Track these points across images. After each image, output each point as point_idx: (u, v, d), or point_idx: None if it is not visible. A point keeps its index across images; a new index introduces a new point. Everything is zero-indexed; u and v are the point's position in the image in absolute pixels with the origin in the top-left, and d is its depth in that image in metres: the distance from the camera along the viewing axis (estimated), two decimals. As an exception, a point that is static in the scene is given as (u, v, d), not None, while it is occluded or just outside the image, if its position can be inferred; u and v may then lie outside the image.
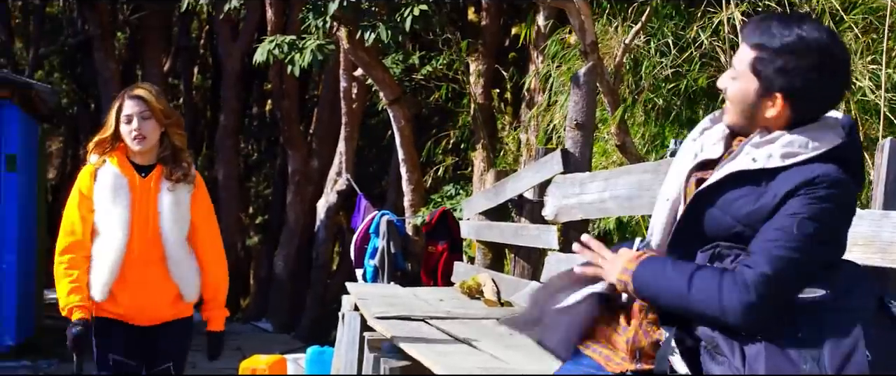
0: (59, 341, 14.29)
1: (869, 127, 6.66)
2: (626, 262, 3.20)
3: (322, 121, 18.22)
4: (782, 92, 3.09)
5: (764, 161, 3.07)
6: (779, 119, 3.13)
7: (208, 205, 5.83)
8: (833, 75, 3.10)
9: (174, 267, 5.62)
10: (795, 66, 3.06)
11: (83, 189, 5.55)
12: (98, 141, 5.61)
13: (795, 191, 2.99)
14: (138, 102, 5.53)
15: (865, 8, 7.03)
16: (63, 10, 24.92)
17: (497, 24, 13.82)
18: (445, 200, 13.53)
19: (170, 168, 5.60)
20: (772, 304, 2.93)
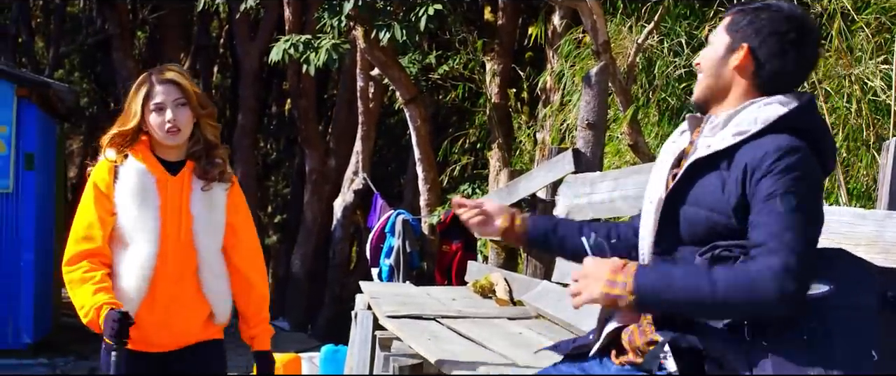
0: (77, 339, 14.43)
1: (880, 126, 6.65)
2: (610, 274, 3.04)
3: (339, 121, 18.24)
4: (747, 42, 3.22)
5: (718, 144, 3.12)
6: (742, 71, 3.23)
7: (245, 207, 4.89)
8: (800, 42, 3.21)
9: (209, 281, 4.69)
10: (765, 23, 3.21)
11: (101, 185, 4.58)
12: (117, 134, 4.63)
13: (757, 169, 3.02)
14: (172, 88, 4.59)
15: (877, 8, 7.01)
16: (83, 9, 25.02)
17: (513, 24, 13.82)
18: (461, 200, 13.50)
19: (203, 165, 4.68)
20: (806, 285, 2.92)
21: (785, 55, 3.20)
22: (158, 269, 4.54)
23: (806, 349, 2.87)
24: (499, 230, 3.69)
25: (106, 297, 4.35)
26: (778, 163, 2.99)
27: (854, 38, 7.05)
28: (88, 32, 24.24)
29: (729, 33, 3.27)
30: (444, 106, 16.38)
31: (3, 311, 13.17)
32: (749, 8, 3.27)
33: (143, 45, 25.99)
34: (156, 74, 4.63)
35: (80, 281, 4.42)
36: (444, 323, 6.71)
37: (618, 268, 3.05)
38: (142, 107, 4.58)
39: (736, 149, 3.10)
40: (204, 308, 4.71)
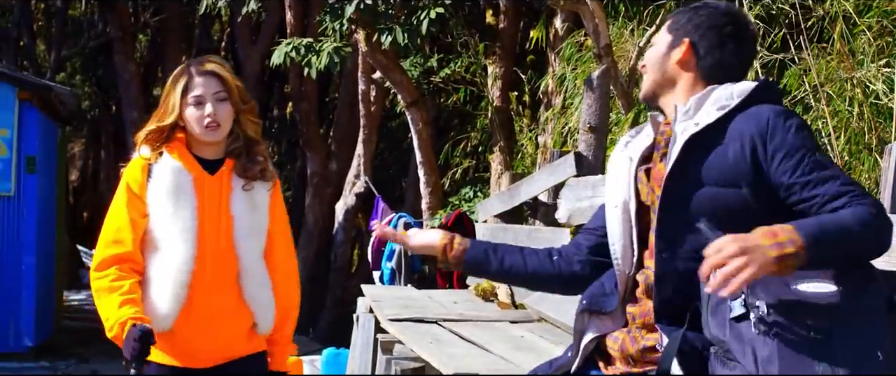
0: (78, 342, 14.43)
1: (882, 130, 6.65)
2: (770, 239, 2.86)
3: (341, 124, 18.24)
4: (688, 36, 3.38)
5: (705, 118, 3.22)
6: (685, 64, 3.38)
7: (284, 211, 4.51)
8: (737, 35, 3.39)
9: (251, 289, 4.29)
10: (702, 17, 3.39)
11: (134, 185, 4.22)
12: (154, 130, 4.27)
13: (766, 133, 3.13)
14: (212, 80, 4.24)
15: (879, 11, 7.01)
16: (84, 13, 25.03)
17: (515, 27, 13.82)
18: (463, 203, 13.54)
19: (243, 163, 4.31)
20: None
21: (724, 47, 3.36)
22: (196, 275, 4.16)
23: (811, 347, 2.86)
24: (438, 246, 3.69)
25: (131, 311, 3.97)
26: (787, 123, 3.13)
27: (856, 41, 7.05)
28: (90, 36, 24.26)
29: (670, 32, 3.44)
30: (445, 109, 16.37)
31: (4, 314, 13.18)
32: (687, 8, 3.45)
33: (145, 49, 26.02)
34: (195, 65, 4.27)
35: (108, 290, 4.06)
36: (446, 327, 6.71)
37: (770, 233, 2.87)
38: (180, 100, 4.22)
39: (725, 124, 3.19)
40: (246, 318, 4.30)
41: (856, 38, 7.06)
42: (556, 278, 3.64)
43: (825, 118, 6.74)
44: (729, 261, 2.81)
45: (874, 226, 2.95)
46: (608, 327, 3.43)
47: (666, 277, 3.18)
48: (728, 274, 2.80)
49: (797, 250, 2.82)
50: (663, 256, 3.19)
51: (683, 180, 3.18)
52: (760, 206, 3.11)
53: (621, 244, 3.39)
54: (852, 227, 2.91)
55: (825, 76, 7.00)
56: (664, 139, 3.35)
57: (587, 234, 3.65)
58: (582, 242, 3.64)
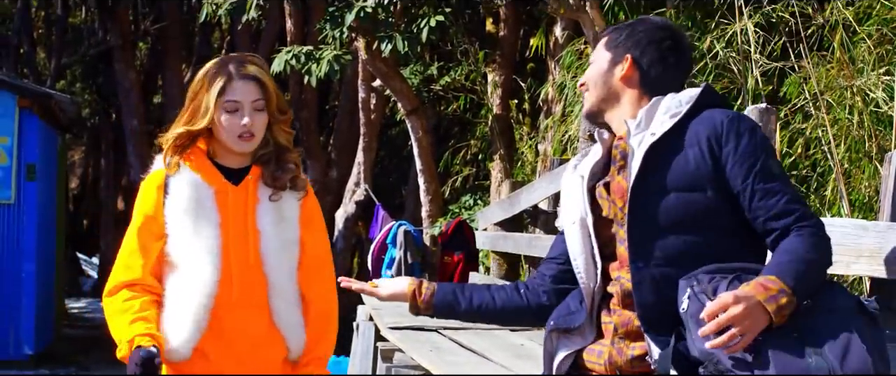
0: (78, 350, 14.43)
1: (882, 138, 6.64)
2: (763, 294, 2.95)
3: (341, 132, 18.25)
4: (630, 53, 3.44)
5: (660, 128, 3.28)
6: (628, 80, 3.45)
7: (320, 221, 4.09)
8: (676, 48, 3.48)
9: (282, 310, 3.92)
10: (641, 33, 3.47)
11: (148, 208, 3.88)
12: (183, 134, 3.88)
13: (721, 135, 3.23)
14: (252, 86, 3.83)
15: (879, 19, 7.01)
16: (85, 21, 25.04)
17: (515, 36, 13.83)
18: (463, 211, 13.54)
19: (272, 170, 3.93)
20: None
21: (665, 61, 3.44)
22: (221, 298, 3.82)
23: (799, 346, 2.93)
24: (407, 293, 3.73)
25: (142, 328, 3.66)
26: (739, 128, 3.24)
27: (856, 49, 7.05)
28: (90, 43, 24.26)
29: (609, 50, 3.51)
30: (445, 117, 16.38)
31: (4, 322, 13.18)
32: (623, 25, 3.54)
33: (145, 56, 26.03)
34: (235, 66, 3.85)
35: (119, 311, 3.75)
36: (446, 335, 6.69)
37: (761, 287, 2.97)
38: (214, 103, 3.81)
39: (680, 130, 3.27)
40: (279, 344, 3.93)
41: (856, 46, 7.07)
42: (527, 310, 3.72)
43: (825, 126, 6.74)
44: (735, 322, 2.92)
45: (824, 250, 3.15)
46: (577, 343, 3.48)
47: (643, 285, 3.22)
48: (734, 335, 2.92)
49: (790, 299, 2.95)
50: (638, 265, 3.23)
51: (648, 190, 3.24)
52: (726, 207, 3.23)
53: (583, 258, 3.44)
54: (815, 258, 3.09)
55: (825, 84, 7.00)
56: (619, 152, 3.41)
57: (548, 264, 3.71)
58: (545, 273, 3.71)
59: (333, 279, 4.05)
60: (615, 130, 3.47)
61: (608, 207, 3.41)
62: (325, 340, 4.01)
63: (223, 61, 3.90)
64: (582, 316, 3.45)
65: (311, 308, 3.97)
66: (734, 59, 7.60)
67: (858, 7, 7.23)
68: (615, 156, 3.43)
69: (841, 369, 2.88)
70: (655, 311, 3.19)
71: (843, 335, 2.94)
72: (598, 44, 3.59)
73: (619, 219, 3.34)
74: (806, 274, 3.02)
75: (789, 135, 7.13)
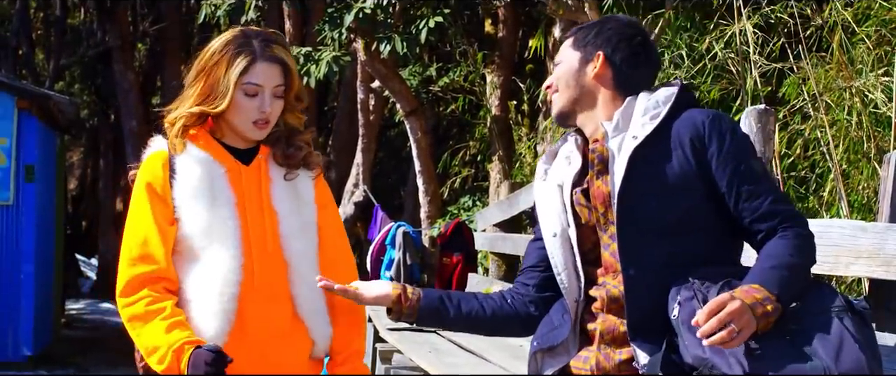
0: (77, 351, 14.42)
1: (881, 139, 6.64)
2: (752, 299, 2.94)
3: (340, 133, 18.25)
4: (601, 50, 3.37)
5: (641, 131, 3.22)
6: (601, 78, 3.38)
7: (332, 202, 3.76)
8: (645, 44, 3.43)
9: (305, 298, 3.56)
10: (609, 30, 3.40)
11: (156, 185, 3.47)
12: (194, 115, 3.49)
13: (703, 136, 3.20)
14: (276, 70, 3.47)
15: (878, 20, 7.01)
16: (84, 22, 25.04)
17: (514, 37, 13.84)
18: (462, 212, 13.54)
19: (283, 149, 3.57)
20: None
21: (637, 58, 3.39)
22: (244, 287, 3.45)
23: (792, 347, 2.93)
24: (391, 296, 3.49)
25: (184, 335, 3.29)
26: (721, 129, 3.20)
27: (855, 50, 7.04)
28: (89, 44, 24.27)
29: (578, 49, 3.42)
30: (444, 118, 16.40)
31: (2, 323, 13.18)
32: (590, 24, 3.48)
33: (144, 58, 26.02)
34: (259, 44, 3.46)
35: (144, 316, 3.34)
36: (445, 336, 6.70)
37: (749, 293, 2.97)
38: (234, 84, 3.42)
39: (661, 132, 3.22)
40: (304, 337, 3.57)
41: (855, 47, 7.06)
42: (516, 318, 3.58)
43: (824, 127, 6.73)
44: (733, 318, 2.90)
45: (808, 251, 3.15)
46: (563, 359, 3.40)
47: (636, 293, 3.17)
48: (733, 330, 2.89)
49: (775, 306, 2.95)
50: (630, 273, 3.18)
51: (634, 195, 3.19)
52: (712, 207, 3.21)
53: (567, 272, 3.37)
54: (799, 262, 3.10)
55: (824, 85, 7.00)
56: (596, 156, 3.33)
57: (529, 274, 3.61)
58: (527, 282, 3.60)
59: (354, 266, 3.75)
60: (588, 134, 3.39)
61: (588, 214, 3.34)
62: (358, 333, 3.66)
63: (245, 35, 3.49)
64: (566, 329, 3.38)
65: (337, 299, 3.57)
66: (733, 60, 7.60)
67: (857, 8, 7.22)
68: (593, 161, 3.34)
69: (836, 368, 2.88)
70: (645, 318, 3.15)
71: (835, 335, 2.94)
72: (563, 44, 3.51)
73: (602, 224, 3.29)
74: (789, 279, 3.02)
75: (788, 136, 7.13)
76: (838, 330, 2.95)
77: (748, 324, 2.90)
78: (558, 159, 3.48)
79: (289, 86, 3.50)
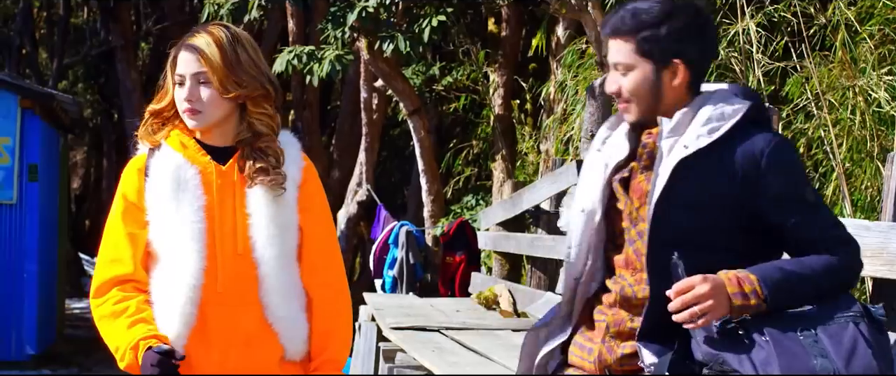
0: (80, 350, 14.42)
1: (884, 138, 6.64)
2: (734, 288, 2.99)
3: (343, 132, 18.23)
4: (678, 56, 3.17)
5: (695, 143, 3.11)
6: (682, 86, 3.20)
7: (322, 203, 3.68)
8: (707, 27, 3.28)
9: (274, 304, 3.49)
10: (678, 27, 3.16)
11: (129, 193, 3.51)
12: (149, 113, 3.58)
13: (759, 167, 3.09)
14: (192, 57, 3.45)
15: (881, 19, 7.01)
16: (87, 21, 25.06)
17: (517, 36, 13.82)
18: (465, 211, 13.54)
19: (246, 155, 3.50)
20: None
21: (707, 49, 3.29)
22: (207, 290, 3.42)
23: (803, 347, 2.93)
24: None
25: (144, 331, 3.32)
26: (780, 161, 3.10)
27: (858, 49, 7.04)
28: (92, 44, 24.28)
29: (648, 55, 3.18)
30: (447, 117, 16.39)
31: (6, 322, 13.18)
32: (654, 21, 3.18)
33: (147, 57, 26.03)
34: (188, 36, 3.51)
35: (111, 315, 3.40)
36: (448, 335, 6.70)
37: (736, 281, 3.00)
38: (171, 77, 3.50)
39: (715, 147, 3.11)
40: (274, 343, 3.50)
41: (858, 45, 7.06)
42: None
43: (827, 126, 6.74)
44: (699, 301, 2.95)
45: (840, 273, 3.10)
46: (557, 336, 3.39)
47: (658, 300, 3.11)
48: (695, 313, 2.96)
49: (758, 303, 2.98)
50: (656, 280, 3.14)
51: (672, 205, 3.12)
52: (747, 230, 3.14)
53: (577, 249, 3.34)
54: (817, 277, 3.05)
55: (827, 84, 7.00)
56: (646, 151, 3.24)
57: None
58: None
59: (342, 270, 3.65)
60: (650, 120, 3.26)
61: (625, 203, 3.27)
62: (334, 340, 3.58)
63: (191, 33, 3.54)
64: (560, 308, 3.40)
65: (315, 304, 3.55)
66: (736, 59, 7.60)
67: (860, 7, 7.22)
68: (641, 154, 3.25)
69: (845, 370, 2.87)
70: (659, 323, 3.12)
71: (849, 339, 2.93)
72: (615, 46, 3.25)
73: (633, 218, 3.23)
74: (793, 291, 3.01)
75: (791, 136, 7.13)
76: (853, 334, 2.94)
77: (716, 308, 2.95)
78: (618, 132, 3.36)
79: (211, 70, 3.43)
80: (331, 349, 3.57)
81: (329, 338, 3.57)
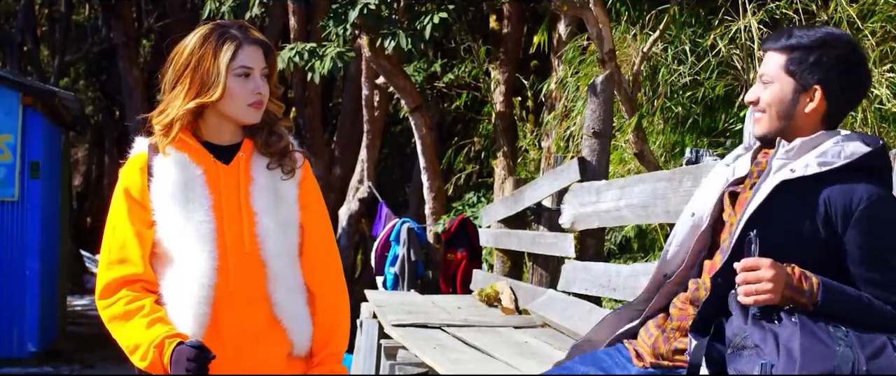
0: (82, 347, 14.43)
1: (886, 135, 6.64)
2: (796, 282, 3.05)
3: (344, 129, 18.23)
4: (820, 84, 3.23)
5: (802, 169, 3.16)
6: (816, 114, 3.26)
7: (319, 201, 3.71)
8: (859, 67, 3.27)
9: (283, 300, 3.54)
10: (829, 58, 3.21)
11: (133, 190, 3.51)
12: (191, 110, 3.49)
13: (851, 214, 3.11)
14: (260, 53, 3.51)
15: (883, 16, 7.01)
16: (88, 18, 25.06)
17: (519, 33, 13.82)
18: (467, 208, 13.55)
19: (265, 138, 3.57)
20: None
21: (853, 89, 3.29)
22: (219, 289, 3.45)
23: (829, 332, 2.98)
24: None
25: (165, 329, 3.32)
26: (875, 216, 3.12)
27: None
28: (94, 41, 24.30)
29: (792, 74, 3.26)
30: (449, 114, 16.38)
31: (8, 319, 13.19)
32: (808, 44, 3.25)
33: (149, 54, 26.03)
34: (239, 31, 3.50)
35: (124, 315, 3.39)
36: (450, 332, 6.70)
37: (800, 277, 3.06)
38: (226, 71, 3.44)
39: (819, 181, 3.15)
40: (282, 339, 3.55)
41: (859, 43, 7.06)
42: None
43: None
44: (760, 280, 3.02)
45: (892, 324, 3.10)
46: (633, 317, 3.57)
47: (715, 298, 3.21)
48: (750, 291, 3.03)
49: (807, 302, 3.03)
50: (718, 281, 3.21)
51: (762, 222, 3.16)
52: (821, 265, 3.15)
53: (674, 249, 3.45)
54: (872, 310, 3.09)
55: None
56: (758, 169, 3.33)
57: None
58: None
59: (340, 266, 3.72)
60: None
61: (729, 214, 3.37)
62: (336, 334, 3.65)
63: (223, 26, 3.54)
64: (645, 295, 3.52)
65: (317, 300, 3.61)
66: (738, 56, 7.60)
67: (862, 4, 7.22)
68: (753, 171, 3.35)
69: (866, 366, 2.91)
70: (711, 320, 3.19)
71: (879, 344, 2.98)
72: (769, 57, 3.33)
73: (733, 229, 3.28)
74: (845, 307, 3.06)
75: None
76: (883, 342, 2.99)
77: (771, 292, 3.01)
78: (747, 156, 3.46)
79: (272, 68, 3.54)
80: (333, 343, 3.63)
81: (332, 333, 3.63)
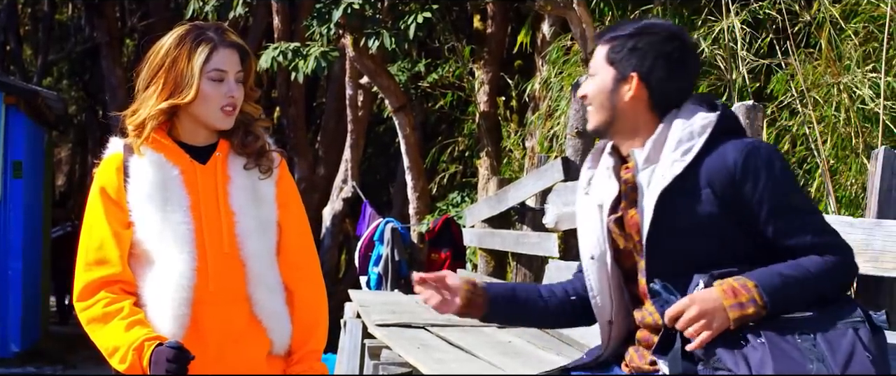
0: (65, 347, 14.41)
1: (868, 135, 6.66)
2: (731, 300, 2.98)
3: (328, 129, 18.22)
4: (636, 71, 3.22)
5: (670, 170, 3.12)
6: (637, 101, 3.24)
7: (297, 201, 3.69)
8: (682, 57, 3.26)
9: (262, 299, 3.53)
10: (645, 44, 3.22)
11: (109, 190, 3.46)
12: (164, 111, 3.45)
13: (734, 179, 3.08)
14: (235, 56, 3.46)
15: (865, 17, 7.03)
16: (71, 18, 25.02)
17: (503, 33, 13.82)
18: (451, 208, 13.55)
19: (241, 138, 3.53)
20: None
21: (675, 73, 3.24)
22: (199, 290, 3.42)
23: (801, 350, 2.93)
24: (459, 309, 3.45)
25: (144, 332, 3.29)
26: (754, 167, 3.08)
27: (842, 46, 7.06)
28: (77, 40, 24.28)
29: (611, 63, 3.26)
30: (433, 114, 16.39)
31: (-9, 320, 13.17)
32: (626, 34, 3.27)
33: (132, 53, 25.98)
34: (215, 33, 3.45)
35: (103, 317, 3.35)
36: (434, 332, 6.69)
37: (731, 292, 2.99)
38: (199, 73, 3.38)
39: (693, 167, 3.12)
40: (262, 339, 3.54)
41: (842, 43, 7.07)
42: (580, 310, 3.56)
43: (812, 123, 6.75)
44: (691, 324, 2.98)
45: (836, 274, 3.08)
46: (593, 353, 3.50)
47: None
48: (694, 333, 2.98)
49: (758, 310, 2.96)
50: (658, 306, 3.17)
51: (661, 234, 3.13)
52: (741, 237, 3.14)
53: (601, 296, 3.37)
54: (813, 278, 3.03)
55: (812, 81, 7.01)
56: (628, 187, 3.25)
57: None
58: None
59: (318, 266, 3.72)
60: (622, 151, 3.30)
61: (624, 241, 3.30)
62: (315, 333, 3.64)
63: (199, 28, 3.49)
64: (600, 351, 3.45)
65: (296, 298, 3.60)
66: (721, 57, 7.61)
67: (845, 4, 7.24)
68: (625, 191, 3.27)
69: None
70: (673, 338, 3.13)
71: (848, 345, 2.93)
72: (596, 51, 3.34)
73: (639, 250, 3.24)
74: (792, 295, 3.00)
75: (776, 133, 7.14)
76: (851, 340, 2.94)
77: (712, 324, 2.97)
78: (600, 169, 3.38)
79: (247, 71, 3.50)
80: (312, 341, 3.63)
81: (311, 331, 3.62)
